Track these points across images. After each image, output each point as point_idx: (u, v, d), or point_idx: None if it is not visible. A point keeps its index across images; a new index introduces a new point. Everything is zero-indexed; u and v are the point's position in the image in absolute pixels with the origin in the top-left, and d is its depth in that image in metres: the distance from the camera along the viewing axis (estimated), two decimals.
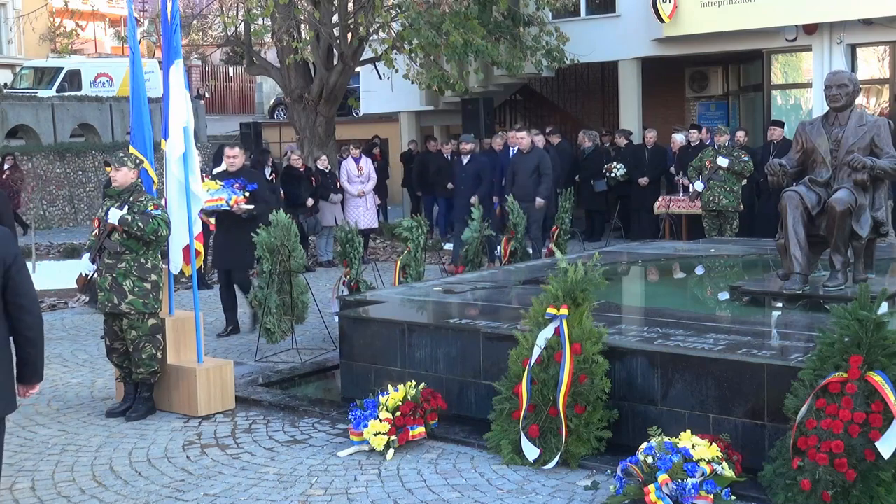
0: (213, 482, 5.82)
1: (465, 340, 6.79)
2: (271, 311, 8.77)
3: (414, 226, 9.78)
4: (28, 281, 4.59)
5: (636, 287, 9.88)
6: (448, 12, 15.94)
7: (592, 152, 17.30)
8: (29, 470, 6.12)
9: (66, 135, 24.24)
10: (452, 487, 5.62)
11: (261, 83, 38.11)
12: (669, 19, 18.34)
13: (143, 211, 7.10)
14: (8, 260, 4.50)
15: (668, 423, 5.68)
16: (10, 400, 4.78)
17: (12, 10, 34.55)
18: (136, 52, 8.09)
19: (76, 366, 8.90)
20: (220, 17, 19.97)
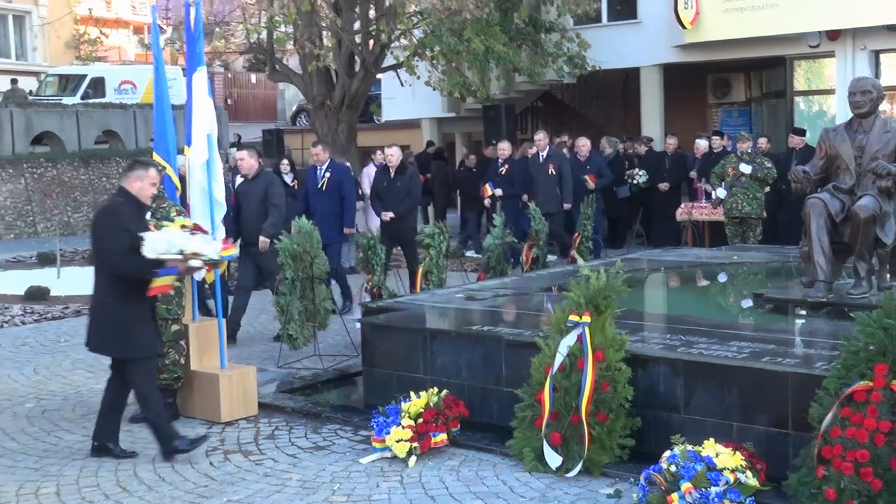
0: (236, 488, 5.84)
1: (487, 347, 6.79)
2: (294, 317, 8.79)
3: (435, 232, 9.79)
4: None
5: (659, 294, 9.85)
6: (469, 19, 15.99)
7: (614, 159, 17.27)
8: (54, 475, 6.16)
9: (90, 141, 24.39)
10: (475, 495, 5.61)
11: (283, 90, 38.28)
12: (691, 25, 18.31)
13: (165, 217, 7.13)
14: None
15: (691, 431, 5.65)
16: None
17: (38, 17, 34.82)
18: (160, 59, 8.15)
19: (101, 371, 8.90)
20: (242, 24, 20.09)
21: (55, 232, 18.84)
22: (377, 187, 12.03)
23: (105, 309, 6.32)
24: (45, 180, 21.98)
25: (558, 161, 14.20)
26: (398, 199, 11.66)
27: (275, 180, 10.75)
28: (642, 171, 16.67)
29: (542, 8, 19.11)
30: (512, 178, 14.65)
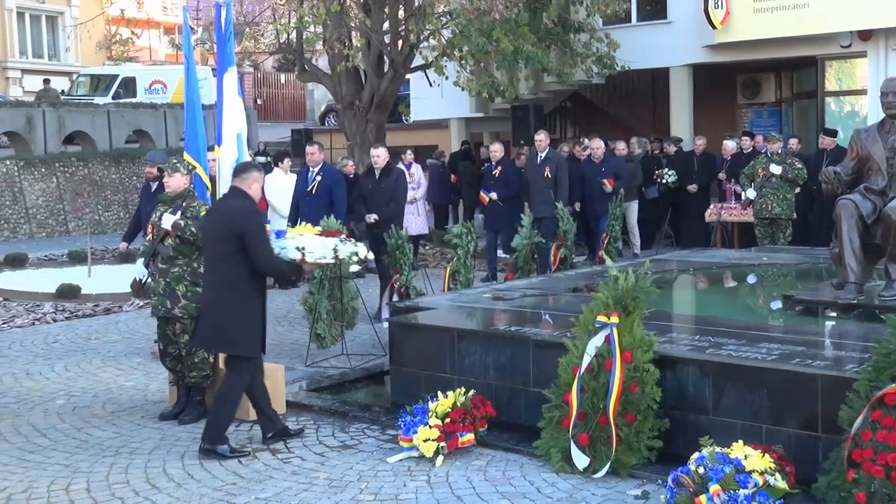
0: (264, 486, 5.87)
1: (514, 348, 6.79)
2: (322, 316, 8.83)
3: (463, 232, 9.80)
4: None
5: (687, 295, 9.80)
6: (498, 19, 15.96)
7: (643, 159, 17.20)
8: (84, 471, 6.21)
9: (121, 141, 24.59)
10: (502, 495, 5.61)
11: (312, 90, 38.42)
12: (721, 25, 18.21)
13: (195, 216, 7.18)
14: None
15: (719, 433, 5.62)
16: None
17: (70, 18, 35.17)
18: (191, 60, 8.23)
19: (130, 369, 9.03)
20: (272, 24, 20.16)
21: (86, 230, 18.98)
22: (363, 189, 11.69)
23: (228, 307, 6.43)
24: (77, 179, 22.17)
25: (556, 164, 13.51)
26: (382, 202, 11.13)
27: None
28: (671, 172, 16.60)
29: (571, 8, 19.07)
30: (506, 180, 14.02)
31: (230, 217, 6.48)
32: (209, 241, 6.64)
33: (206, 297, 6.69)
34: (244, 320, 6.47)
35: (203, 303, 6.72)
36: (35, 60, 35.11)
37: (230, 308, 6.44)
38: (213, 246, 6.57)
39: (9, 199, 21.07)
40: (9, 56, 33.80)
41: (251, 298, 6.51)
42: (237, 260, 6.39)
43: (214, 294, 6.53)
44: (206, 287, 6.69)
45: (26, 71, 34.17)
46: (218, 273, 6.50)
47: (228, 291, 6.44)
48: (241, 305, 6.47)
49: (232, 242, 6.39)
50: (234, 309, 6.44)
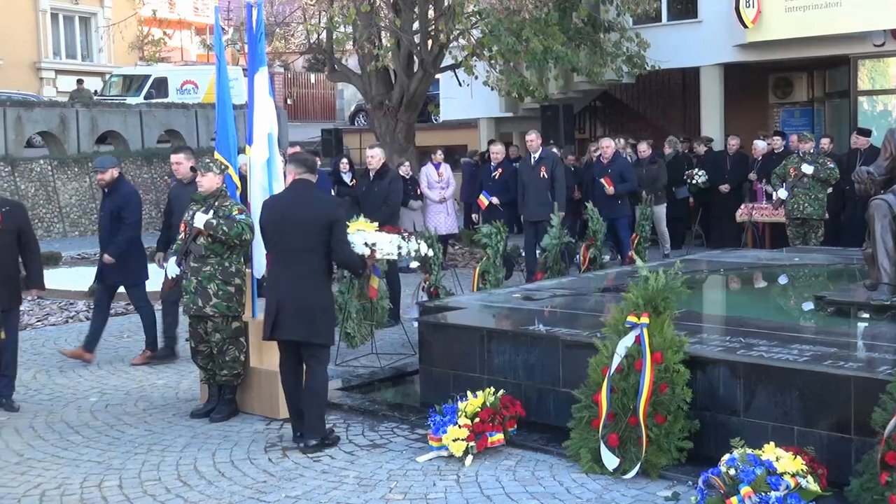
0: (295, 484, 5.90)
1: (544, 347, 6.78)
2: (352, 315, 8.86)
3: (493, 232, 9.80)
4: None
5: (718, 296, 9.75)
6: (528, 19, 15.94)
7: (673, 159, 17.13)
8: (117, 468, 6.27)
9: (152, 141, 24.76)
10: (531, 495, 5.61)
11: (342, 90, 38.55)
12: (753, 24, 18.09)
13: (227, 216, 7.23)
14: None
15: (750, 434, 5.59)
16: None
17: (103, 19, 35.47)
18: (222, 60, 8.27)
19: (162, 367, 9.10)
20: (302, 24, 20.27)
21: None
22: (356, 191, 11.40)
23: (315, 297, 6.51)
24: None
25: (551, 164, 12.85)
26: (376, 205, 10.59)
27: None
28: (702, 172, 16.51)
29: (601, 7, 19.03)
30: (507, 182, 13.68)
31: (323, 207, 6.57)
32: (291, 234, 6.51)
33: (284, 289, 6.52)
34: (328, 309, 6.65)
35: (282, 294, 6.53)
36: (68, 61, 35.43)
37: (317, 298, 6.52)
38: (299, 238, 6.50)
39: (43, 199, 21.27)
40: (43, 57, 34.13)
41: (330, 290, 6.72)
42: (324, 251, 6.49)
43: (298, 285, 6.49)
44: (284, 279, 6.54)
45: (60, 71, 34.49)
46: (303, 264, 6.48)
47: (314, 282, 6.51)
48: (327, 295, 6.63)
49: (322, 232, 6.45)
50: (321, 299, 6.55)
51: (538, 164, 12.80)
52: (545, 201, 12.48)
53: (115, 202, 9.25)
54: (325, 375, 6.65)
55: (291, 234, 6.53)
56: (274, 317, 6.54)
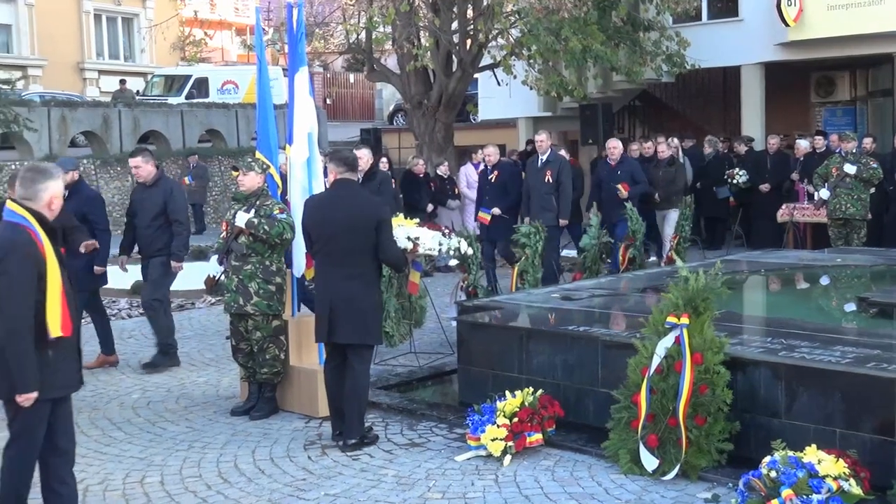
0: (333, 482, 5.93)
1: (583, 348, 6.77)
2: (390, 314, 8.88)
3: (531, 231, 9.79)
4: None
5: (759, 297, 9.68)
6: (567, 18, 15.89)
7: (713, 159, 17.02)
8: (158, 465, 6.34)
9: (193, 140, 25.00)
10: (570, 495, 5.60)
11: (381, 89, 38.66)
12: (795, 23, 17.92)
13: (268, 215, 7.28)
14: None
15: (792, 436, 5.54)
16: None
17: (145, 20, 35.85)
18: (263, 60, 8.33)
19: (203, 365, 9.18)
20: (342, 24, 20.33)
21: None
22: None
23: (367, 298, 6.56)
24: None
25: (558, 168, 12.28)
26: None
27: (176, 189, 9.27)
28: (742, 172, 16.39)
29: (640, 6, 18.93)
30: (504, 186, 12.88)
31: (369, 207, 6.59)
32: (337, 234, 6.51)
33: (335, 291, 6.52)
34: (378, 310, 6.73)
35: (333, 296, 6.52)
36: (111, 61, 35.85)
37: (369, 299, 6.57)
38: (346, 238, 6.50)
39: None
40: (86, 57, 34.56)
41: (380, 288, 6.81)
42: (372, 251, 6.52)
43: (350, 287, 6.50)
44: (335, 281, 6.53)
45: (103, 72, 34.92)
46: (352, 266, 6.51)
47: (365, 283, 6.55)
48: (377, 294, 6.70)
49: (370, 233, 6.47)
50: (373, 300, 6.62)
51: (544, 167, 12.31)
52: (549, 206, 12.06)
53: (75, 205, 8.61)
54: (366, 375, 6.68)
55: (338, 235, 6.52)
56: (328, 320, 6.54)
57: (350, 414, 6.55)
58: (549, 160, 12.33)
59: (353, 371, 6.56)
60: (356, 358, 6.58)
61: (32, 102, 22.34)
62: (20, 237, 4.69)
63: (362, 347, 6.61)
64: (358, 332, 6.54)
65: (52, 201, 4.83)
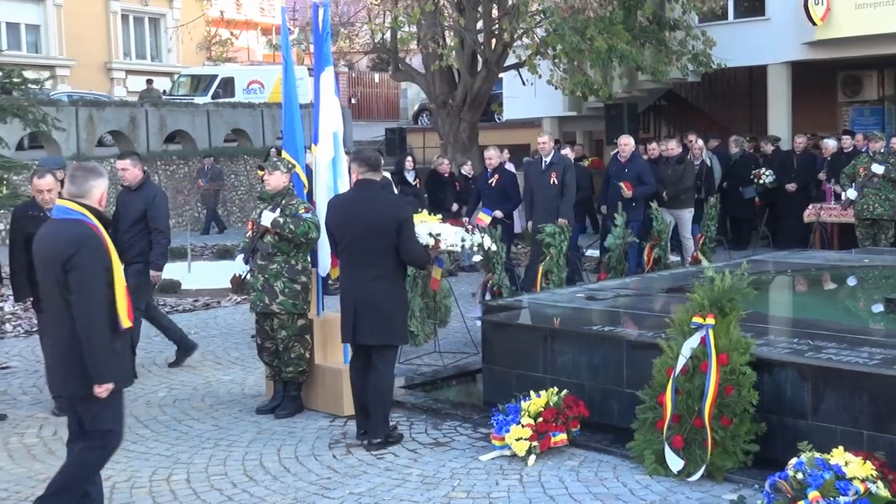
0: (358, 481, 5.95)
1: (608, 348, 6.75)
2: (415, 314, 8.90)
3: (556, 231, 9.78)
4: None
5: (785, 297, 9.62)
6: (593, 17, 15.87)
7: (740, 158, 16.94)
8: (184, 462, 6.38)
9: (219, 140, 25.11)
10: (594, 496, 5.60)
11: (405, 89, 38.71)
12: (822, 22, 17.81)
13: (294, 214, 7.30)
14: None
15: (818, 438, 5.51)
16: None
17: (172, 20, 36.06)
18: (289, 60, 8.37)
19: (228, 363, 9.23)
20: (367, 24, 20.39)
21: (186, 228, 19.45)
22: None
23: (393, 300, 6.57)
24: (177, 178, 22.71)
25: (563, 169, 11.88)
26: None
27: (159, 196, 8.87)
28: (769, 172, 16.30)
29: (666, 5, 18.87)
30: (504, 189, 12.70)
31: (390, 208, 6.58)
32: (359, 235, 6.52)
33: (360, 292, 6.54)
34: (403, 310, 6.74)
35: (358, 297, 6.54)
36: (138, 61, 36.09)
37: (394, 300, 6.58)
38: (368, 239, 6.50)
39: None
40: (113, 57, 34.79)
41: (405, 288, 6.81)
42: (395, 252, 6.50)
43: (374, 288, 6.50)
44: (359, 282, 6.55)
45: (130, 72, 35.14)
46: (376, 267, 6.50)
47: (389, 284, 6.55)
48: (402, 294, 6.71)
49: (392, 234, 6.45)
50: (397, 301, 6.62)
51: (549, 168, 11.86)
52: (555, 209, 11.62)
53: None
54: (391, 375, 6.69)
55: (360, 237, 6.53)
56: (353, 321, 6.57)
57: (375, 413, 6.57)
58: (554, 161, 11.98)
59: (378, 371, 6.58)
60: (380, 358, 6.59)
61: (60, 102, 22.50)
62: (87, 232, 4.88)
63: (386, 348, 6.63)
64: (382, 333, 6.55)
65: (102, 198, 5.02)
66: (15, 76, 13.44)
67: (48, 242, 4.92)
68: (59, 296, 4.84)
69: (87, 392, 4.86)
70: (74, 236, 4.84)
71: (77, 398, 4.95)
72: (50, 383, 5.15)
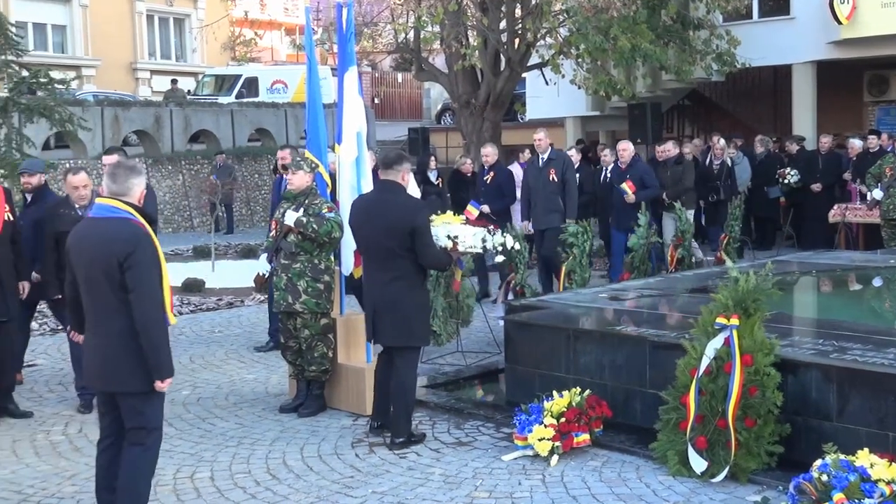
0: (381, 480, 5.96)
1: (631, 348, 6.74)
2: (438, 313, 8.91)
3: (579, 231, 9.77)
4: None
5: (810, 298, 9.57)
6: (616, 17, 15.83)
7: (765, 158, 16.85)
8: (208, 460, 6.41)
9: (243, 139, 25.21)
10: (617, 496, 5.58)
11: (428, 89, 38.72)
12: (847, 21, 17.70)
13: (317, 213, 7.32)
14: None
15: (843, 440, 5.47)
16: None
17: (196, 20, 36.23)
18: (313, 60, 8.39)
19: (252, 362, 9.26)
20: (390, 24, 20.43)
21: (210, 227, 19.55)
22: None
23: (410, 301, 6.56)
24: (202, 177, 22.83)
25: (562, 166, 11.58)
26: None
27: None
28: (794, 172, 16.20)
29: (690, 5, 18.79)
30: (500, 187, 12.53)
31: (404, 213, 6.53)
32: (376, 237, 6.56)
33: (379, 294, 6.61)
34: (423, 311, 6.71)
35: (376, 299, 6.63)
36: (163, 61, 36.27)
37: (412, 302, 6.58)
38: (384, 241, 6.52)
39: None
40: (139, 58, 34.99)
41: (423, 290, 6.78)
42: (412, 254, 6.50)
43: (393, 290, 6.54)
44: (379, 283, 6.60)
45: (155, 72, 35.34)
46: (394, 269, 6.52)
47: (407, 286, 6.55)
48: (421, 298, 6.68)
49: (405, 238, 6.45)
50: (416, 302, 6.61)
51: (546, 166, 11.58)
52: (555, 207, 11.36)
53: (40, 212, 8.09)
54: (412, 375, 6.69)
55: (377, 238, 6.56)
56: (373, 322, 6.66)
57: (397, 413, 6.60)
58: (552, 158, 11.68)
59: (398, 372, 6.61)
60: (400, 359, 6.62)
61: (86, 102, 22.66)
62: (140, 230, 4.90)
63: (407, 349, 6.64)
64: (400, 334, 6.59)
65: (142, 196, 5.04)
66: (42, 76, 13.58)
67: (97, 240, 4.87)
68: (111, 294, 4.82)
69: (146, 389, 4.88)
70: (131, 235, 4.84)
71: (131, 395, 4.92)
72: (99, 381, 5.02)
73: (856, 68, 21.19)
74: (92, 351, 5.00)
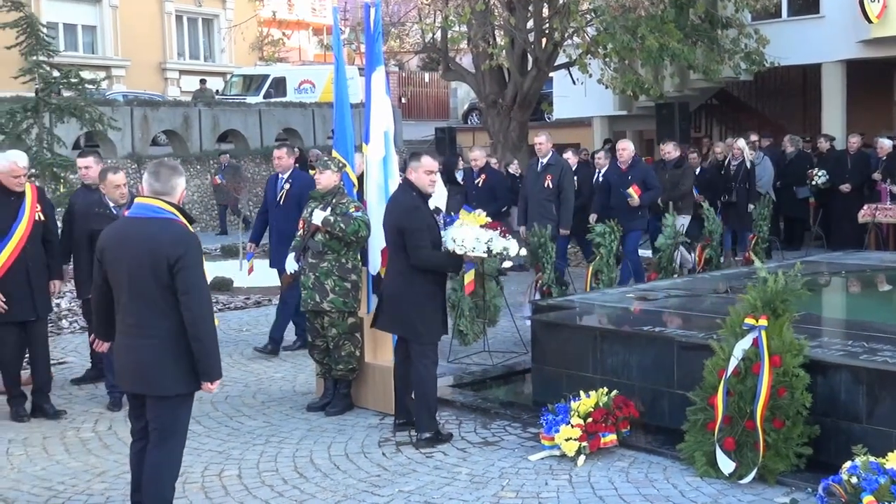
0: (408, 479, 5.97)
1: (658, 348, 6.71)
2: (464, 313, 8.91)
3: (606, 231, 9.74)
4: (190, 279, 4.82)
5: (839, 299, 9.50)
6: (644, 16, 15.77)
7: (795, 158, 16.73)
8: (236, 458, 6.45)
9: (271, 139, 25.29)
10: (644, 497, 5.57)
11: (455, 88, 38.76)
12: (878, 19, 17.56)
13: (344, 213, 7.35)
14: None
15: (873, 442, 5.43)
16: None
17: (224, 20, 36.40)
18: (340, 60, 8.42)
19: (279, 361, 9.30)
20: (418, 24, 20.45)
21: (238, 226, 19.63)
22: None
23: (406, 295, 6.68)
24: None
25: (559, 172, 11.41)
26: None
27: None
28: (822, 173, 16.06)
29: (719, 3, 18.70)
30: (492, 190, 12.29)
31: (395, 212, 6.76)
32: (387, 232, 6.91)
33: (385, 284, 7.04)
34: (422, 307, 6.69)
35: (385, 288, 6.98)
36: (192, 62, 36.46)
37: (407, 296, 6.67)
38: (389, 237, 6.87)
39: None
40: (167, 58, 35.20)
41: (427, 286, 6.72)
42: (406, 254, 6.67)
43: (393, 283, 6.83)
44: (388, 275, 7.03)
45: (183, 72, 35.53)
46: (398, 263, 6.76)
47: (405, 281, 6.68)
48: (419, 293, 6.68)
49: (398, 236, 6.67)
50: (412, 297, 6.66)
51: (544, 171, 11.46)
52: (548, 214, 11.22)
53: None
54: (428, 371, 6.68)
55: (387, 233, 6.92)
56: (377, 308, 6.96)
57: (417, 407, 6.70)
58: (550, 163, 11.50)
59: (412, 364, 6.74)
60: (412, 353, 6.74)
61: (116, 102, 22.82)
62: (187, 231, 4.92)
63: (417, 343, 6.71)
64: (396, 324, 6.81)
65: (182, 196, 5.09)
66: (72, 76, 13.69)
67: (142, 241, 4.80)
68: (157, 295, 4.78)
69: (183, 391, 4.90)
70: (180, 237, 4.83)
71: (166, 398, 4.89)
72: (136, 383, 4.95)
73: (886, 67, 21.02)
74: (126, 352, 4.92)
